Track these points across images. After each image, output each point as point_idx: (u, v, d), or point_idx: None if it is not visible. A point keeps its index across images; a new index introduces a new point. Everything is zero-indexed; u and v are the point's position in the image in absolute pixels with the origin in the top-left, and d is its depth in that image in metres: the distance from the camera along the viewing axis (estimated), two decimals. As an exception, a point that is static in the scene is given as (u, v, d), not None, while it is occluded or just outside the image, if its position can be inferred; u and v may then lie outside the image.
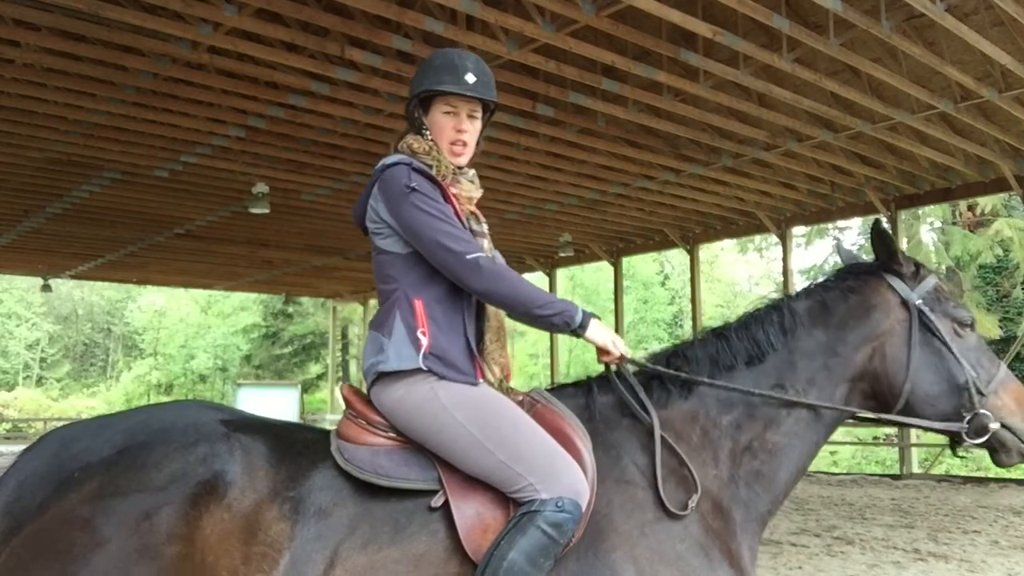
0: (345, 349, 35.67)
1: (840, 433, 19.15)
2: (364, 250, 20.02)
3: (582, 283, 35.53)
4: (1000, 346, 21.34)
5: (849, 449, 20.36)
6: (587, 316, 2.36)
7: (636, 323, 33.82)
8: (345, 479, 2.24)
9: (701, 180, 14.22)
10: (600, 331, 2.39)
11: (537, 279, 30.71)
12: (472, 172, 2.59)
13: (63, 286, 38.52)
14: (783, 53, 9.21)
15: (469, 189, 2.54)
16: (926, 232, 23.64)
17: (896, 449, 16.40)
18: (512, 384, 2.52)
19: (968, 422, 2.53)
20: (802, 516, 10.35)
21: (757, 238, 25.90)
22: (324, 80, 9.71)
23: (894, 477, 14.95)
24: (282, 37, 8.61)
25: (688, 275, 20.05)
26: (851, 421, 2.78)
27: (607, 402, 2.48)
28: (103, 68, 9.32)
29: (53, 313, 45.89)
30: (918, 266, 2.70)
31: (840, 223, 24.17)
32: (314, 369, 37.73)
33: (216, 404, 2.55)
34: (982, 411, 2.53)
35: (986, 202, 21.68)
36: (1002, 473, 16.26)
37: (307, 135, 11.61)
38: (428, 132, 2.50)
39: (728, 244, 31.78)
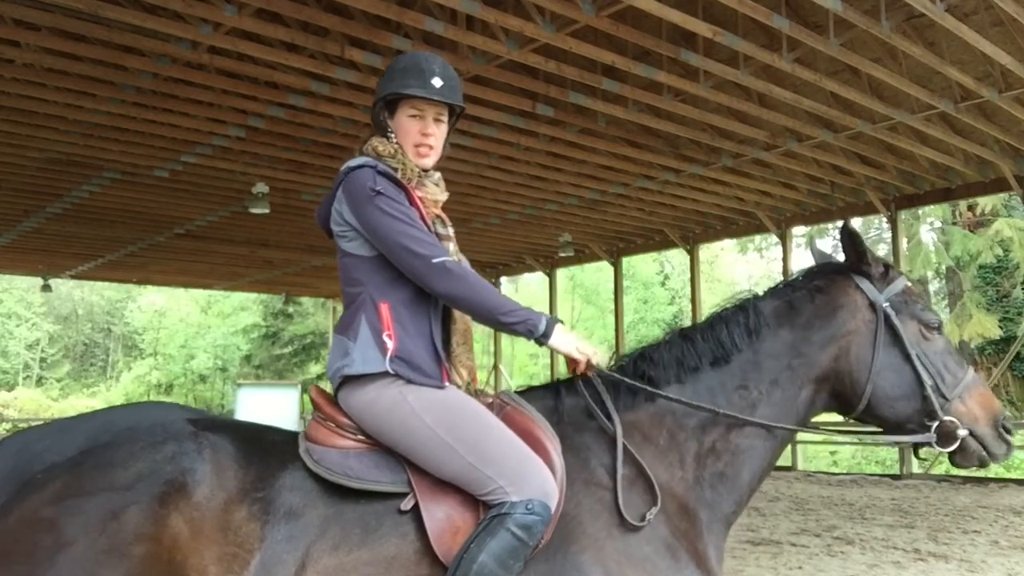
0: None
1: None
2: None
3: (582, 283, 35.53)
4: (1000, 346, 21.35)
5: (849, 449, 20.34)
6: (551, 324, 2.36)
7: (636, 323, 33.79)
8: (315, 480, 2.23)
9: (701, 180, 14.22)
10: (563, 339, 2.38)
11: (537, 279, 30.77)
12: (438, 175, 2.58)
13: (63, 286, 38.53)
14: (783, 53, 9.21)
15: (435, 192, 2.53)
16: (926, 232, 23.64)
17: (896, 449, 16.40)
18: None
19: (935, 430, 2.54)
20: (802, 516, 10.35)
21: (757, 238, 25.90)
22: (324, 80, 9.72)
23: (894, 477, 14.95)
24: (282, 37, 8.61)
25: (688, 275, 20.06)
26: (850, 421, 2.77)
27: (576, 405, 2.48)
28: (103, 68, 9.33)
29: (53, 313, 45.88)
30: (887, 267, 2.70)
31: (840, 223, 24.18)
32: (314, 369, 37.70)
33: (181, 405, 2.54)
34: (947, 419, 2.54)
35: (986, 202, 21.67)
36: (1002, 473, 16.26)
37: (307, 135, 11.61)
38: (394, 135, 2.49)
39: (728, 244, 31.77)
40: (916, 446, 2.65)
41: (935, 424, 2.54)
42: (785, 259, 16.96)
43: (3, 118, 10.77)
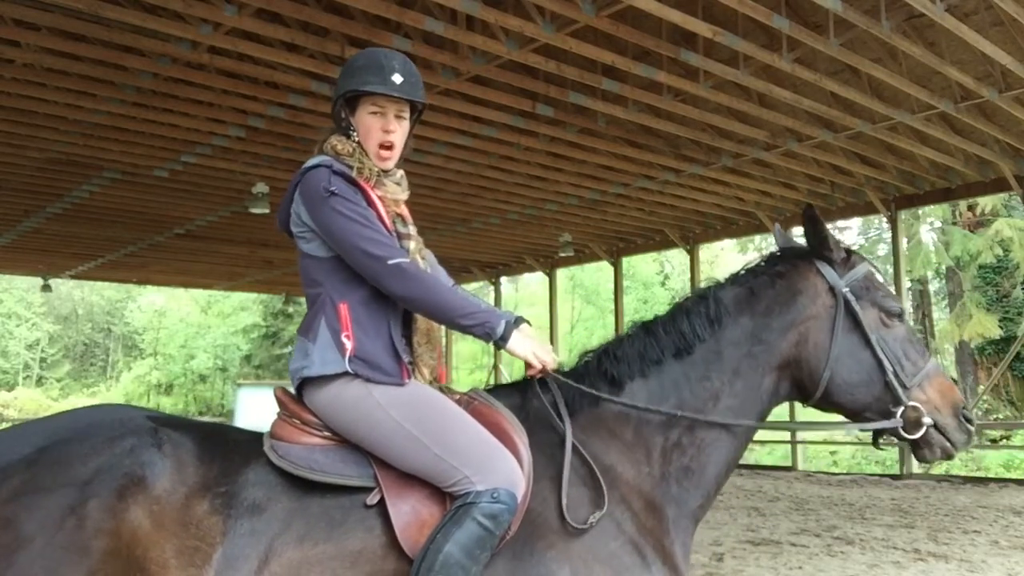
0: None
1: (840, 433, 19.13)
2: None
3: (582, 283, 35.54)
4: (1000, 346, 21.34)
5: (849, 449, 20.33)
6: (510, 328, 2.33)
7: (636, 323, 33.70)
8: (279, 475, 2.22)
9: (701, 180, 14.22)
10: (521, 344, 2.36)
11: (537, 279, 30.75)
12: (400, 174, 2.56)
13: (63, 286, 38.53)
14: (783, 53, 9.21)
15: (395, 191, 2.51)
16: (926, 232, 23.62)
17: (896, 449, 16.40)
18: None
19: (902, 416, 2.51)
20: (802, 516, 10.35)
21: (757, 238, 25.85)
22: (324, 80, 9.71)
23: (894, 477, 14.95)
24: (282, 37, 8.61)
25: (688, 275, 20.05)
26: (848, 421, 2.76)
27: (542, 404, 2.46)
28: (103, 68, 9.33)
29: (53, 313, 45.89)
30: (849, 253, 2.66)
31: (840, 223, 24.15)
32: (314, 369, 37.64)
33: (143, 407, 2.52)
34: (912, 403, 2.51)
35: (986, 202, 21.65)
36: (1002, 473, 16.28)
37: (307, 135, 11.60)
38: (355, 133, 2.46)
39: (728, 244, 31.77)
40: (877, 434, 2.62)
41: (900, 410, 2.51)
42: (785, 259, 16.92)
43: (3, 118, 10.77)
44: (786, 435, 16.23)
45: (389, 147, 2.47)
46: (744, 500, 12.04)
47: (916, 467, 15.24)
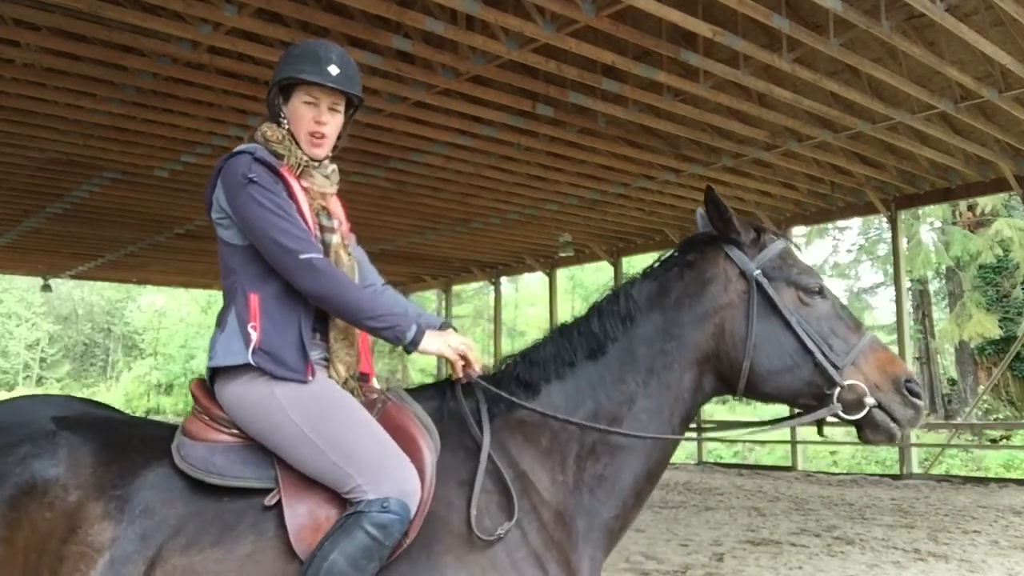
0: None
1: (840, 433, 19.13)
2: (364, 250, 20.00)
3: (582, 283, 35.55)
4: (1000, 346, 21.34)
5: (849, 449, 20.34)
6: (420, 332, 2.28)
7: (636, 323, 33.75)
8: (180, 477, 2.18)
9: (701, 180, 14.20)
10: (434, 344, 2.31)
11: (537, 279, 30.73)
12: (332, 167, 2.52)
13: (63, 286, 38.53)
14: (783, 53, 9.21)
15: (323, 184, 2.46)
16: (926, 232, 23.62)
17: (896, 449, 16.40)
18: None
19: (838, 399, 2.32)
20: (802, 516, 10.34)
21: (757, 238, 25.89)
22: (324, 80, 9.71)
23: (894, 477, 14.94)
24: (282, 37, 8.60)
25: (688, 275, 20.00)
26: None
27: (461, 405, 2.38)
28: (103, 68, 9.33)
29: (53, 313, 45.91)
30: (759, 232, 2.50)
31: (840, 223, 24.19)
32: (314, 369, 37.66)
33: (68, 398, 2.45)
34: (848, 382, 2.32)
35: (986, 202, 21.66)
36: (1002, 473, 16.28)
37: (307, 135, 11.60)
38: (286, 121, 2.43)
39: (728, 244, 31.77)
40: (820, 422, 2.43)
41: (836, 392, 2.32)
42: (785, 259, 16.93)
43: (3, 118, 10.77)
44: (786, 435, 16.22)
45: (321, 136, 2.42)
46: (744, 500, 12.04)
47: (916, 467, 15.24)
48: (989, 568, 7.16)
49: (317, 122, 2.41)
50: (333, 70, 2.39)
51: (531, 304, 36.88)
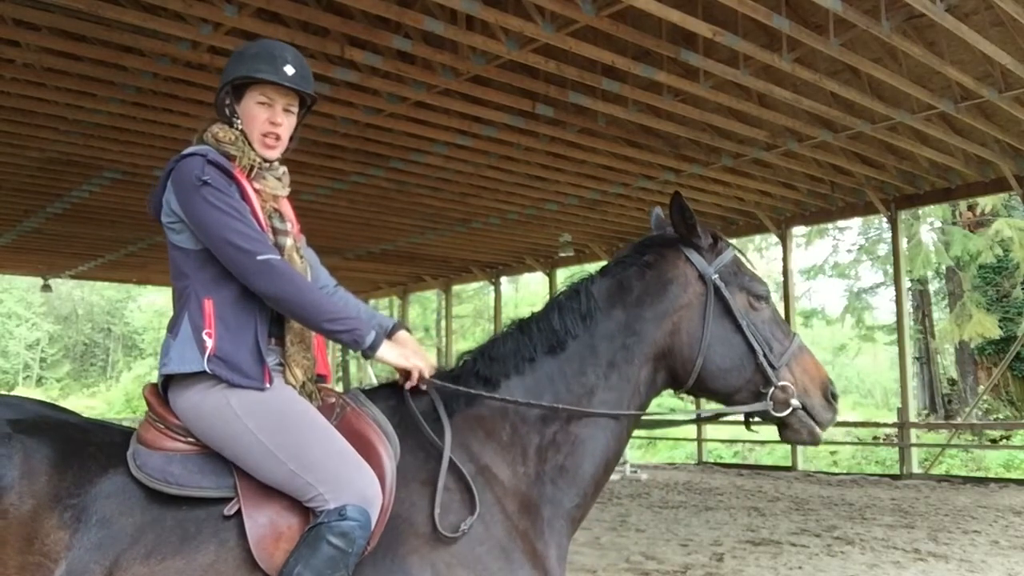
0: (344, 349, 35.57)
1: (840, 433, 19.13)
2: (364, 250, 20.01)
3: (582, 283, 35.45)
4: (1000, 346, 21.33)
5: (849, 449, 20.34)
6: (379, 337, 2.28)
7: (636, 323, 33.71)
8: (137, 486, 2.15)
9: (701, 180, 14.22)
10: (392, 352, 2.31)
11: (537, 279, 30.73)
12: (283, 169, 2.49)
13: (63, 286, 38.51)
14: (783, 53, 9.21)
15: (275, 186, 2.43)
16: (926, 232, 23.60)
17: (896, 449, 16.40)
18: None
19: (771, 397, 2.49)
20: (802, 516, 10.35)
21: (757, 238, 25.86)
22: (324, 80, 9.71)
23: (894, 477, 14.94)
24: (282, 37, 8.58)
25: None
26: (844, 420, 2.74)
27: (419, 404, 2.39)
28: (103, 68, 9.33)
29: (53, 313, 45.90)
30: (716, 239, 2.63)
31: (840, 223, 24.16)
32: (314, 369, 37.64)
33: (22, 400, 2.40)
34: (781, 383, 2.50)
35: (986, 202, 21.65)
36: (1002, 473, 16.27)
37: (307, 135, 11.60)
38: (239, 121, 2.38)
39: (728, 244, 31.75)
40: (748, 417, 2.58)
41: (770, 391, 2.49)
42: (785, 259, 16.96)
43: (3, 118, 10.77)
44: (786, 435, 16.20)
45: (276, 137, 2.39)
46: (744, 500, 12.04)
47: (916, 467, 15.24)
48: (989, 568, 7.16)
49: (272, 123, 2.38)
50: (289, 70, 2.36)
51: (531, 304, 36.86)
